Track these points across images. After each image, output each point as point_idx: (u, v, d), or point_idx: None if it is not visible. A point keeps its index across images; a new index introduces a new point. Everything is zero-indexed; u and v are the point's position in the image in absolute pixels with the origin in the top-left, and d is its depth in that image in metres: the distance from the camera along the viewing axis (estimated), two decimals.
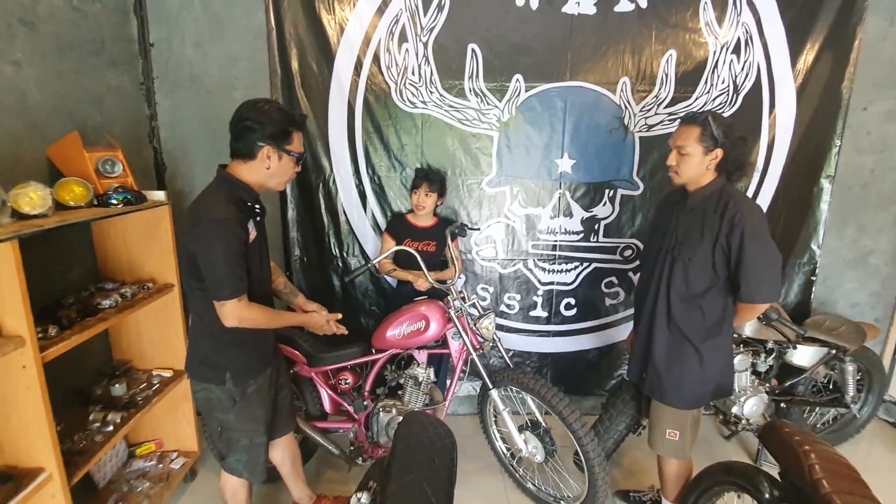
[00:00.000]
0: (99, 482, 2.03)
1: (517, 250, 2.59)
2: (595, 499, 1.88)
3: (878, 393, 2.51)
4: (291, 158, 1.49)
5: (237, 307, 1.42)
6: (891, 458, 2.51)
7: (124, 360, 2.15)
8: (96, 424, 1.76)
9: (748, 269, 1.52)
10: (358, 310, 2.62)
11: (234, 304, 1.41)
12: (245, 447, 1.63)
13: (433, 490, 1.12)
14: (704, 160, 1.59)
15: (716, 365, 1.68)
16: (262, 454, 1.67)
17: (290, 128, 1.45)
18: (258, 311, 1.48)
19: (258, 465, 1.67)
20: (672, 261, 1.67)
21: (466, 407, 2.82)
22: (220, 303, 1.41)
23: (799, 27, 2.36)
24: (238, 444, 1.63)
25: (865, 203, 2.64)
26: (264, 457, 1.69)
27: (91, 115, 2.03)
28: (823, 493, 1.20)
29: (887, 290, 2.76)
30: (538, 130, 2.44)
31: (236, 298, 1.41)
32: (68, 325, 1.57)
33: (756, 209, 1.62)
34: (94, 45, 2.05)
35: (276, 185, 1.53)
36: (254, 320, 1.47)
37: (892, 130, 2.55)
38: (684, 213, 1.68)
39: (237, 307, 1.42)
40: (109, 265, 2.06)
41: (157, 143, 2.42)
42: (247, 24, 2.34)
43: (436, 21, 2.31)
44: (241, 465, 1.65)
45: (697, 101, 2.41)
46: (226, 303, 1.41)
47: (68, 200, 1.66)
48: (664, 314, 1.69)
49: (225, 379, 1.53)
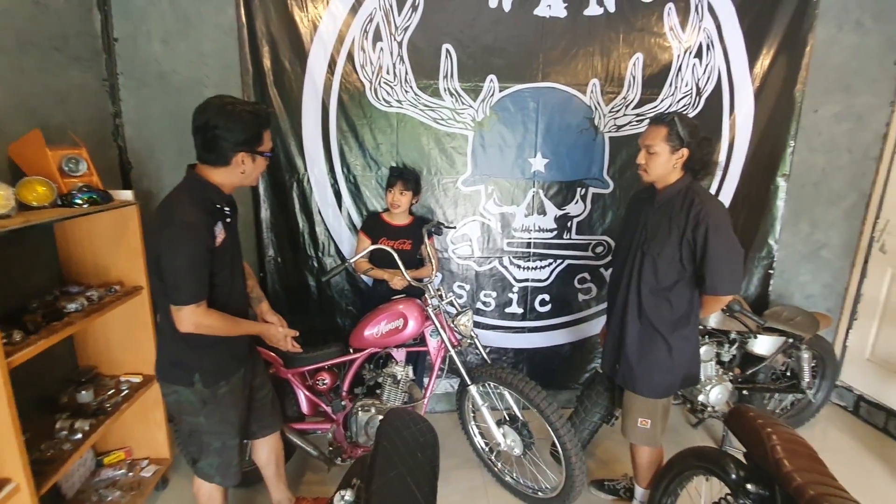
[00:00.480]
0: (67, 493, 1.95)
1: (493, 248, 2.63)
2: (572, 488, 1.93)
3: (830, 378, 2.67)
4: (265, 158, 1.49)
5: (194, 313, 1.39)
6: (843, 439, 2.67)
7: (91, 366, 2.08)
8: (64, 432, 1.70)
9: (712, 262, 1.60)
10: (334, 309, 2.61)
11: (192, 309, 1.38)
12: (217, 450, 1.59)
13: (417, 484, 1.14)
14: (671, 159, 1.67)
15: (684, 355, 1.76)
16: (234, 457, 1.63)
17: (261, 130, 1.43)
18: (216, 318, 1.44)
19: (231, 467, 1.63)
20: (642, 256, 1.74)
21: (444, 404, 2.84)
22: (177, 307, 1.38)
23: (756, 33, 2.48)
24: (210, 448, 1.59)
25: (817, 200, 2.81)
26: (237, 459, 1.65)
27: (53, 113, 1.95)
28: (785, 471, 1.27)
29: (838, 281, 2.94)
30: (512, 130, 2.49)
31: (194, 304, 1.38)
32: (34, 330, 1.51)
33: (720, 206, 1.69)
34: (55, 40, 1.98)
35: (249, 183, 1.53)
36: (211, 327, 1.43)
37: (840, 131, 2.72)
38: (653, 210, 1.75)
39: (194, 313, 1.39)
40: (74, 268, 1.99)
41: (121, 142, 2.35)
42: (216, 21, 2.29)
43: (410, 21, 2.32)
44: (213, 468, 1.62)
45: (663, 102, 2.51)
46: (182, 308, 1.37)
47: (31, 200, 1.60)
48: (635, 307, 1.76)
49: (194, 380, 1.50)
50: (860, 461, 2.48)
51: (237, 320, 1.53)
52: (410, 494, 1.12)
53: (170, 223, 1.36)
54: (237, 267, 1.59)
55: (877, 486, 2.31)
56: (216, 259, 1.43)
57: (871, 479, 2.35)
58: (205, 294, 1.40)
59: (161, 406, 2.13)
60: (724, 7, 2.44)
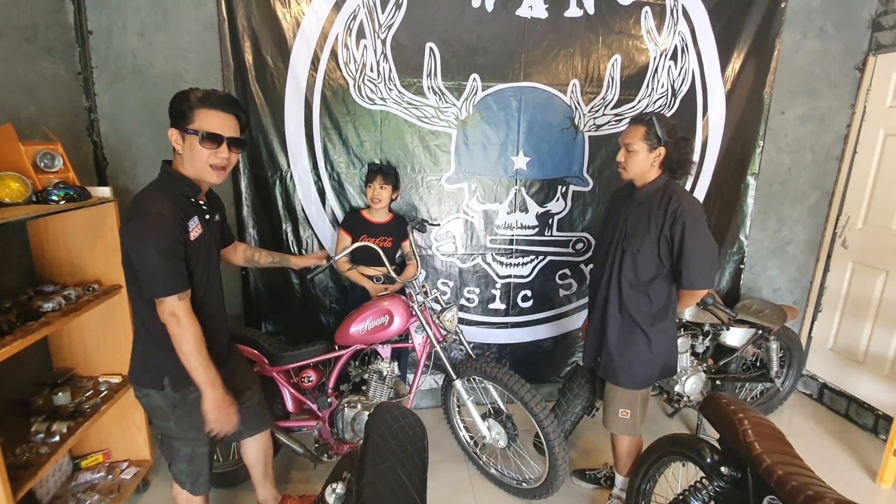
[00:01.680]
0: (42, 498, 1.90)
1: (476, 245, 2.66)
2: (555, 477, 1.98)
3: (797, 368, 2.81)
4: (194, 137, 1.35)
5: (178, 306, 1.33)
6: (808, 425, 2.81)
7: (66, 368, 2.02)
8: (40, 436, 1.65)
9: (688, 258, 1.66)
10: (318, 307, 2.59)
11: (174, 301, 1.33)
12: (187, 456, 1.55)
13: (408, 475, 1.16)
14: (649, 157, 1.73)
15: (662, 347, 1.82)
16: (204, 465, 1.58)
17: (185, 106, 1.35)
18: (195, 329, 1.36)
19: (201, 476, 1.59)
20: (622, 252, 1.80)
21: (429, 400, 2.86)
22: (159, 300, 1.32)
23: (727, 37, 2.59)
24: (179, 454, 1.54)
25: (784, 198, 2.94)
26: (207, 468, 1.60)
27: (24, 106, 1.89)
28: (755, 453, 1.35)
29: (803, 275, 3.09)
30: (494, 129, 2.52)
31: (175, 295, 1.32)
32: (8, 331, 1.46)
33: (696, 203, 1.75)
34: (26, 31, 1.91)
35: (199, 173, 1.40)
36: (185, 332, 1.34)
37: (805, 133, 2.86)
38: (632, 207, 1.81)
39: (178, 306, 1.33)
40: (48, 267, 1.93)
41: (96, 137, 2.28)
42: (196, 15, 2.25)
43: (394, 18, 2.33)
44: (184, 475, 1.58)
45: (640, 103, 2.59)
46: (164, 299, 1.32)
47: (4, 197, 1.54)
48: (616, 301, 1.82)
49: (163, 384, 1.44)
50: (824, 445, 2.62)
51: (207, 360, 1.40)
52: (401, 486, 1.14)
53: (136, 214, 1.32)
54: (213, 268, 1.53)
55: (839, 467, 2.44)
56: (189, 255, 1.39)
57: (834, 460, 2.48)
58: (185, 287, 1.35)
59: (140, 407, 2.08)
60: (698, 11, 2.53)
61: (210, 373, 1.40)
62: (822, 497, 1.14)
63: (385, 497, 1.10)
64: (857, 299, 2.83)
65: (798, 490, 1.20)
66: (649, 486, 1.78)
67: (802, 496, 1.18)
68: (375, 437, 1.23)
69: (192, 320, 1.36)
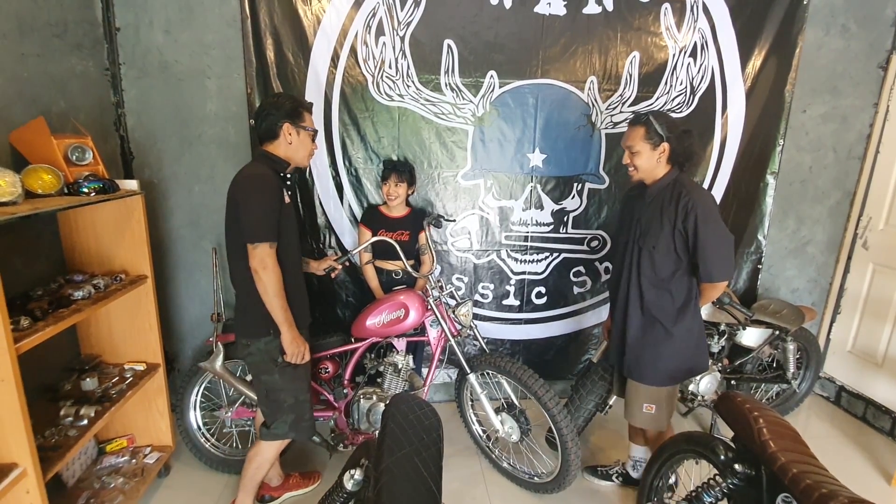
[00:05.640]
0: (68, 480, 1.97)
1: (491, 241, 2.68)
2: (567, 473, 2.00)
3: (814, 370, 2.78)
4: (308, 133, 1.73)
5: (268, 253, 1.58)
6: (824, 427, 2.78)
7: (94, 355, 2.09)
8: (69, 419, 1.71)
9: (704, 249, 1.66)
10: (335, 301, 2.64)
11: (266, 248, 1.57)
12: (290, 406, 1.77)
13: (424, 463, 1.19)
14: (654, 155, 1.74)
15: (687, 343, 1.81)
16: (306, 410, 1.82)
17: (300, 108, 1.71)
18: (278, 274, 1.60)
19: (303, 421, 1.81)
20: (639, 250, 1.80)
21: (442, 394, 2.89)
22: (253, 245, 1.56)
23: (748, 34, 2.56)
24: (284, 405, 1.77)
25: (804, 197, 2.90)
26: (309, 414, 1.83)
27: (55, 101, 1.95)
28: (770, 451, 1.35)
29: (822, 276, 3.04)
30: (511, 125, 2.53)
31: (268, 243, 1.58)
32: (41, 317, 1.52)
33: (706, 195, 1.75)
34: (56, 27, 1.97)
35: (300, 158, 1.75)
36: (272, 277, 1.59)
37: (826, 131, 2.81)
38: (644, 205, 1.81)
39: (268, 253, 1.58)
40: (77, 256, 2.00)
41: (123, 131, 2.35)
42: (220, 12, 2.29)
43: (412, 16, 2.35)
44: (286, 425, 1.78)
45: (658, 100, 2.57)
46: (258, 245, 1.56)
47: (36, 188, 1.60)
48: (637, 300, 1.82)
49: (270, 331, 1.68)
50: (840, 448, 2.59)
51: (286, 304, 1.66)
52: (418, 473, 1.17)
53: (248, 176, 1.62)
54: (295, 234, 1.77)
55: (854, 469, 2.41)
56: (283, 215, 1.65)
57: (850, 463, 2.46)
58: (276, 238, 1.60)
59: (164, 394, 2.15)
60: (719, 8, 2.50)
61: (287, 315, 1.66)
62: (836, 495, 1.14)
63: (402, 483, 1.13)
64: (877, 301, 2.78)
65: (812, 488, 1.19)
66: (662, 483, 1.79)
67: (817, 494, 1.17)
68: (393, 425, 1.26)
69: (277, 269, 1.61)
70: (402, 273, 2.35)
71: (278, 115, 1.66)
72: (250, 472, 1.85)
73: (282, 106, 1.68)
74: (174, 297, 2.58)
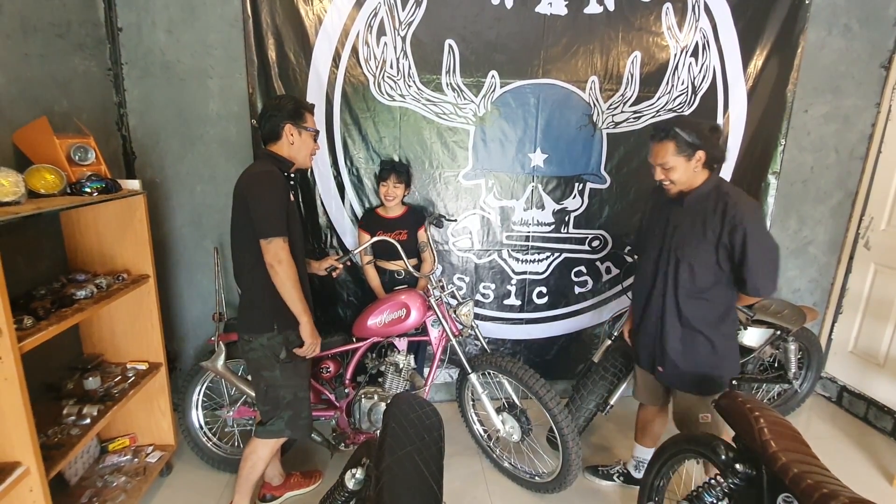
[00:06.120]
0: (70, 479, 1.98)
1: (492, 241, 2.68)
2: (568, 472, 2.00)
3: (816, 370, 2.77)
4: (310, 133, 1.76)
5: (281, 247, 1.61)
6: (826, 428, 2.78)
7: (96, 354, 2.10)
8: (71, 418, 1.72)
9: (752, 266, 1.58)
10: (336, 300, 2.64)
11: (279, 242, 1.60)
12: (289, 402, 1.78)
13: (425, 463, 1.20)
14: (690, 165, 1.64)
15: (727, 351, 1.76)
16: (304, 408, 1.82)
17: (301, 109, 1.74)
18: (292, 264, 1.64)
19: (300, 419, 1.81)
20: (676, 261, 1.70)
21: (443, 394, 2.90)
22: (267, 240, 1.60)
23: (750, 34, 2.55)
24: (283, 401, 1.78)
25: (805, 197, 2.90)
26: (307, 412, 1.84)
27: (58, 101, 1.96)
28: (771, 451, 1.35)
29: (824, 276, 3.04)
30: (512, 125, 2.53)
31: (281, 238, 1.61)
32: (44, 316, 1.53)
33: (753, 205, 1.65)
34: (59, 27, 1.97)
35: (303, 158, 1.78)
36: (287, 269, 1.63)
37: (829, 131, 2.81)
38: (681, 212, 1.70)
39: (281, 247, 1.61)
40: (80, 256, 2.00)
41: (126, 131, 2.35)
42: (221, 12, 2.30)
43: (414, 16, 2.35)
44: (283, 422, 1.79)
45: (659, 100, 2.57)
46: (273, 240, 1.60)
47: (39, 188, 1.60)
48: (674, 311, 1.75)
49: (273, 326, 1.70)
50: (841, 448, 2.58)
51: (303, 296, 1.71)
52: (419, 472, 1.17)
53: (257, 174, 1.65)
54: (299, 235, 1.78)
55: (856, 470, 2.41)
56: (289, 213, 1.68)
57: (851, 463, 2.45)
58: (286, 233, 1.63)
59: (166, 393, 2.16)
60: (720, 8, 2.50)
61: (305, 305, 1.71)
62: (837, 495, 1.14)
63: (403, 482, 1.13)
64: (878, 301, 2.78)
65: (813, 488, 1.19)
66: (663, 483, 1.79)
67: (817, 494, 1.17)
68: (394, 425, 1.27)
69: (292, 262, 1.65)
70: (404, 272, 2.36)
71: (280, 116, 1.70)
72: (245, 471, 1.85)
73: (284, 107, 1.71)
74: (176, 296, 2.59)
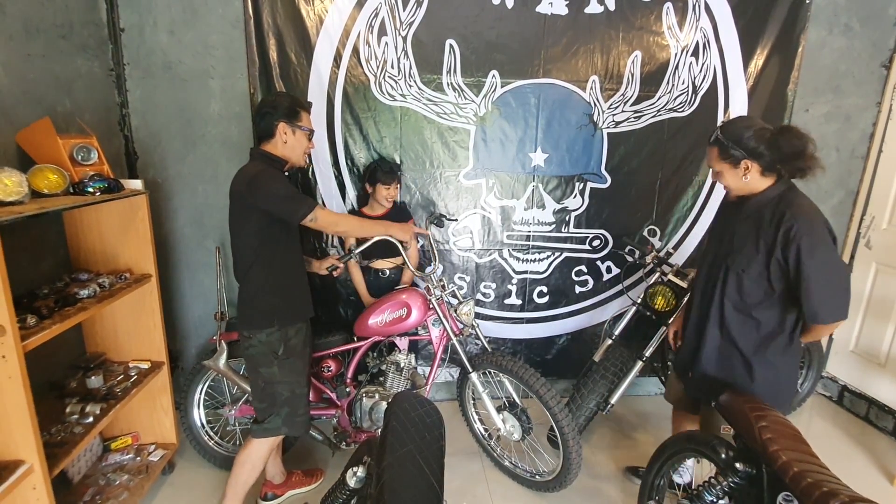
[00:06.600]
0: (73, 477, 1.99)
1: (493, 240, 2.68)
2: (569, 471, 2.00)
3: (817, 369, 2.77)
4: (304, 132, 1.74)
5: (323, 213, 1.66)
6: (827, 427, 2.78)
7: (98, 353, 2.11)
8: (74, 416, 1.73)
9: (808, 287, 1.43)
10: (337, 299, 2.65)
11: (319, 211, 1.64)
12: (286, 399, 1.78)
13: (426, 461, 1.20)
14: (737, 173, 1.53)
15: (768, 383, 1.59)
16: (301, 405, 1.82)
17: (297, 108, 1.72)
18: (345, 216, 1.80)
19: (297, 416, 1.81)
20: (726, 269, 1.60)
21: (444, 393, 2.90)
22: (309, 218, 1.63)
23: (750, 33, 2.55)
24: (281, 398, 1.77)
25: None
26: (304, 409, 1.84)
27: (60, 101, 1.97)
28: (771, 450, 1.35)
29: None
30: (513, 125, 2.54)
31: (318, 208, 1.64)
32: (47, 315, 1.54)
33: (815, 219, 1.46)
34: (62, 28, 1.98)
35: (297, 157, 1.76)
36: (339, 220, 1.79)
37: (829, 131, 2.81)
38: (740, 219, 1.59)
39: (323, 213, 1.66)
40: (83, 255, 2.01)
41: (128, 132, 2.36)
42: (223, 13, 2.31)
43: (414, 16, 2.36)
44: (280, 419, 1.78)
45: (660, 100, 2.57)
46: (312, 216, 1.62)
47: (42, 188, 1.61)
48: (717, 320, 1.65)
49: (273, 322, 1.71)
50: (842, 447, 2.58)
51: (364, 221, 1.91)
52: (420, 470, 1.18)
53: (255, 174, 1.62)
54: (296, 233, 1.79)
55: (857, 469, 2.41)
56: None
57: (852, 463, 2.45)
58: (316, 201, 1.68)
59: (168, 392, 2.17)
60: (721, 7, 2.50)
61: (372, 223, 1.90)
62: (837, 493, 1.14)
63: (404, 480, 1.14)
64: (880, 301, 2.78)
65: (813, 487, 1.20)
66: (663, 482, 1.79)
67: (818, 493, 1.18)
68: (395, 423, 1.27)
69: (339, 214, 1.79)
70: (390, 272, 2.37)
71: (275, 114, 1.69)
72: (244, 476, 1.82)
73: (279, 105, 1.70)
74: (178, 295, 2.60)
